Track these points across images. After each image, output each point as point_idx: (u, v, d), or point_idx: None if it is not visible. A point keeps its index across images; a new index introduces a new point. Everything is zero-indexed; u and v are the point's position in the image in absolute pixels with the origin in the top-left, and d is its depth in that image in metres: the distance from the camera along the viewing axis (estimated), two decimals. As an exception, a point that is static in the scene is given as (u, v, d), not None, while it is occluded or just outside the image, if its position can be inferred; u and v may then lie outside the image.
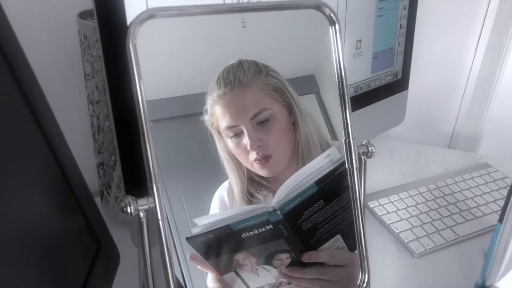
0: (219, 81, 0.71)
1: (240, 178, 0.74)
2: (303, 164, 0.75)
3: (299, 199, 0.71)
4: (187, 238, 0.69)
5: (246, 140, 0.72)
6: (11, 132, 0.60)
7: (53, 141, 0.69)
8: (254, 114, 0.72)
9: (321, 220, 0.73)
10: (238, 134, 0.72)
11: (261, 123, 0.73)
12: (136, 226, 0.63)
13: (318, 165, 0.74)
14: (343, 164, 0.74)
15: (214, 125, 0.72)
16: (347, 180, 0.74)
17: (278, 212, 0.69)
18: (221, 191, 0.74)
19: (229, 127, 0.72)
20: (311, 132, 0.76)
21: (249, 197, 0.75)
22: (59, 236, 0.69)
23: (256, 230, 0.70)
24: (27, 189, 0.62)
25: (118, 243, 0.85)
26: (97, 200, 1.07)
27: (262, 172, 0.74)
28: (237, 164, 0.74)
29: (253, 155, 0.73)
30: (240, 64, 0.72)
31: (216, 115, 0.71)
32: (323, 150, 0.76)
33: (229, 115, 0.71)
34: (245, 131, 0.72)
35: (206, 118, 0.71)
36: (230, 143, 0.73)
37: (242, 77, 0.72)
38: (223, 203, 0.74)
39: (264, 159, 0.73)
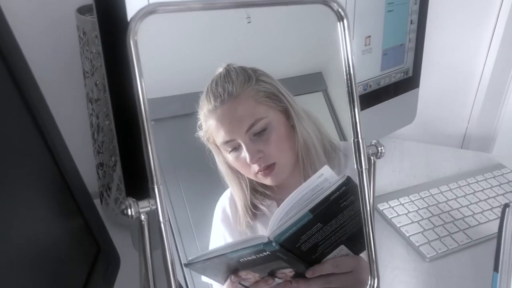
0: (208, 95, 0.70)
1: (242, 190, 0.74)
2: (304, 170, 0.75)
3: (295, 227, 0.70)
4: (185, 265, 0.69)
5: (245, 153, 0.72)
6: (7, 132, 0.60)
7: (51, 141, 0.69)
8: (249, 126, 0.71)
9: (321, 238, 0.72)
10: (236, 148, 0.72)
11: (258, 134, 0.72)
12: (137, 229, 0.63)
13: (310, 187, 0.73)
14: (340, 187, 0.73)
15: (210, 140, 0.71)
16: (347, 200, 0.74)
17: (273, 244, 0.68)
18: (223, 201, 0.74)
19: (226, 142, 0.71)
20: (310, 134, 0.75)
21: (253, 210, 0.74)
22: (57, 239, 0.70)
23: (253, 256, 0.70)
24: (24, 190, 0.62)
25: (118, 247, 0.86)
26: (97, 202, 1.08)
27: (267, 181, 0.74)
28: (238, 176, 0.74)
29: (255, 167, 0.72)
30: (228, 73, 0.71)
31: (211, 130, 0.71)
32: (326, 152, 0.76)
33: (224, 130, 0.71)
34: (242, 144, 0.71)
35: (201, 134, 0.71)
36: (230, 157, 0.72)
37: (231, 88, 0.71)
38: (225, 215, 0.74)
39: (268, 170, 0.73)
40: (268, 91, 0.73)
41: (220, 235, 0.73)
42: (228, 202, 0.74)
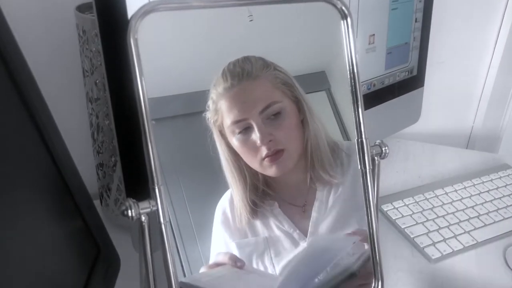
0: (224, 75, 0.70)
1: (241, 184, 0.73)
2: (312, 164, 0.75)
3: None
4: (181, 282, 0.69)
5: (255, 135, 0.71)
6: (5, 132, 0.60)
7: (50, 141, 0.69)
8: (264, 107, 0.71)
9: None
10: (246, 130, 0.71)
11: (271, 118, 0.72)
12: (137, 230, 0.63)
13: (339, 245, 0.75)
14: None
15: (217, 123, 0.71)
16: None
17: None
18: (223, 203, 0.74)
19: (236, 122, 0.71)
20: (320, 130, 0.76)
21: (252, 206, 0.74)
22: (57, 241, 0.70)
23: None
24: (22, 191, 0.62)
25: (118, 248, 0.86)
26: (96, 203, 1.07)
27: (271, 170, 0.73)
28: (239, 168, 0.73)
29: (263, 151, 0.72)
30: (247, 58, 0.71)
31: (222, 110, 0.71)
32: (332, 151, 0.76)
33: (237, 109, 0.71)
34: (254, 125, 0.71)
35: (209, 115, 0.71)
36: (236, 141, 0.72)
37: (250, 69, 0.71)
38: (225, 217, 0.73)
39: (276, 155, 0.72)
40: (284, 79, 0.73)
41: (221, 238, 0.73)
42: (228, 204, 0.73)
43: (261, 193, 0.75)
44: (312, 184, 0.76)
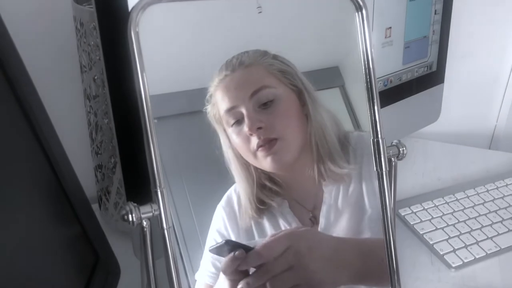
0: (222, 67, 0.71)
1: (248, 181, 0.73)
2: (319, 158, 0.74)
3: None
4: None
5: (245, 123, 0.71)
6: (-1, 131, 0.60)
7: (45, 141, 0.69)
8: (253, 91, 0.71)
9: None
10: (239, 121, 0.71)
11: (263, 105, 0.71)
12: (139, 236, 0.63)
13: None
14: None
15: (216, 116, 0.71)
16: None
17: None
18: (231, 195, 0.73)
19: (228, 110, 0.71)
20: (325, 121, 0.75)
21: (259, 205, 0.74)
22: (53, 247, 0.70)
23: None
24: (16, 195, 0.62)
25: (118, 256, 0.86)
26: (95, 207, 1.08)
27: (266, 162, 0.72)
28: (245, 165, 0.73)
29: (254, 141, 0.71)
30: (246, 51, 0.72)
31: (217, 102, 0.71)
32: (342, 145, 0.75)
33: (228, 96, 0.71)
34: (244, 111, 0.71)
35: (209, 109, 0.71)
36: (231, 133, 0.72)
37: (245, 58, 0.71)
38: (231, 210, 0.73)
39: (268, 145, 0.71)
40: (283, 68, 0.73)
41: (220, 219, 0.73)
42: (236, 198, 0.73)
43: (269, 191, 0.74)
44: (322, 180, 0.75)
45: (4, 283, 0.57)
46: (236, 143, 0.72)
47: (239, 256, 0.66)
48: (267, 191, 0.74)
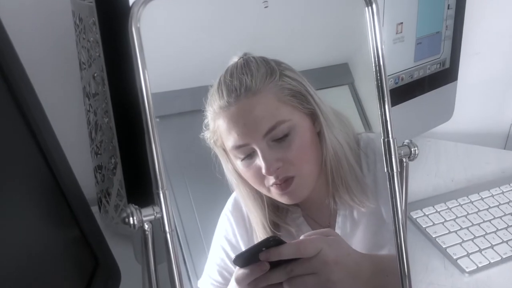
0: (220, 89, 0.68)
1: (259, 206, 0.72)
2: (333, 184, 0.73)
3: None
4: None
5: (260, 162, 0.69)
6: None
7: (43, 141, 0.69)
8: (268, 129, 0.68)
9: None
10: (250, 155, 0.69)
11: (278, 140, 0.69)
12: (140, 240, 0.63)
13: None
14: None
15: (218, 143, 0.69)
16: None
17: None
18: (238, 198, 0.72)
19: (237, 147, 0.69)
20: (341, 144, 0.73)
21: (273, 229, 0.72)
22: (51, 252, 0.70)
23: None
24: (12, 197, 0.62)
25: (118, 260, 0.86)
26: (95, 209, 1.08)
27: (282, 199, 0.71)
28: (253, 188, 0.71)
29: (270, 179, 0.69)
30: (246, 64, 0.68)
31: (220, 131, 0.68)
32: (358, 164, 0.74)
33: (236, 132, 0.68)
34: (258, 151, 0.68)
35: (207, 135, 0.69)
36: (240, 165, 0.70)
37: (249, 82, 0.68)
38: (239, 214, 0.73)
39: (285, 183, 0.70)
40: (294, 89, 0.70)
41: (228, 225, 0.72)
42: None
43: (283, 213, 0.73)
44: (335, 206, 0.74)
45: (1, 289, 0.57)
46: (246, 176, 0.70)
47: (264, 268, 0.66)
48: (280, 213, 0.73)
